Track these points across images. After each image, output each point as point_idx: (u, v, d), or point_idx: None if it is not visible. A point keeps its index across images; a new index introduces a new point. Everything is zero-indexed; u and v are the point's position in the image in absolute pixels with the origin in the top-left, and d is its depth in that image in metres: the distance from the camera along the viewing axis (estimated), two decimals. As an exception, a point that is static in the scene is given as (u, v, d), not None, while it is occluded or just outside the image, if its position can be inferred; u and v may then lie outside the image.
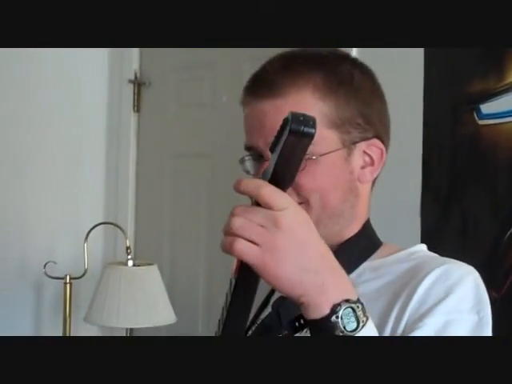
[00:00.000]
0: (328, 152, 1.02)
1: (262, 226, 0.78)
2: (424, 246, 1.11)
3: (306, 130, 0.74)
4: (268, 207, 0.78)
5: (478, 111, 1.97)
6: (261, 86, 1.03)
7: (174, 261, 2.55)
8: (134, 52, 2.70)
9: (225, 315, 0.83)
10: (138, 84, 2.70)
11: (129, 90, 2.70)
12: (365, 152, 1.07)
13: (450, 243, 2.00)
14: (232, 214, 0.79)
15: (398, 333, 0.96)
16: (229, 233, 0.78)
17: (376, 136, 1.07)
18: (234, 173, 1.04)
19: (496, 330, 1.86)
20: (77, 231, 2.50)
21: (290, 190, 0.91)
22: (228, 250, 0.78)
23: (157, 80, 2.69)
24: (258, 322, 1.05)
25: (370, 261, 1.08)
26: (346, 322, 0.80)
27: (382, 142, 1.08)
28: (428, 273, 0.99)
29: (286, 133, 0.75)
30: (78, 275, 2.34)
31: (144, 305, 2.23)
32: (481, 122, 1.96)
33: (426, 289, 0.98)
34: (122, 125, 2.73)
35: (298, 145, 0.76)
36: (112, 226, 2.50)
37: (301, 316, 0.84)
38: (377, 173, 1.09)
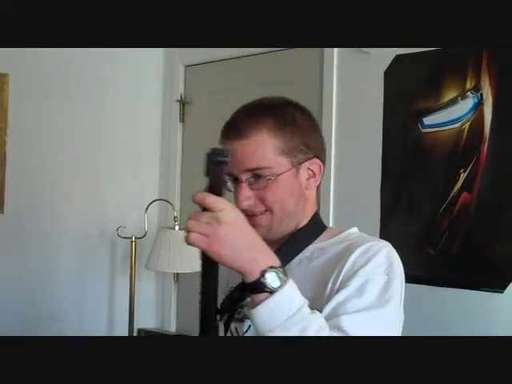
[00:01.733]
0: (282, 173, 1.12)
1: (208, 223, 0.88)
2: (356, 229, 1.20)
3: (220, 159, 0.84)
4: (211, 210, 0.89)
5: (422, 122, 2.19)
6: (232, 130, 1.13)
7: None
8: (181, 79, 2.96)
9: (200, 290, 0.91)
10: (183, 103, 2.97)
11: (176, 107, 2.99)
12: (308, 168, 1.16)
13: (401, 215, 2.25)
14: (188, 218, 0.89)
15: (334, 290, 1.07)
16: (187, 230, 0.89)
17: (316, 156, 1.16)
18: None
19: (433, 278, 2.13)
20: (140, 205, 2.77)
21: (257, 200, 1.11)
22: (186, 241, 0.88)
23: (196, 100, 2.96)
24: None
25: (318, 243, 1.17)
26: (272, 281, 0.91)
27: (321, 159, 1.17)
28: (355, 248, 1.10)
29: (209, 162, 0.85)
30: (140, 236, 2.67)
31: (187, 256, 2.51)
32: (423, 130, 2.19)
33: (353, 260, 1.08)
34: (171, 132, 3.00)
35: (218, 169, 0.85)
36: (164, 202, 2.77)
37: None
38: (318, 181, 1.18)
